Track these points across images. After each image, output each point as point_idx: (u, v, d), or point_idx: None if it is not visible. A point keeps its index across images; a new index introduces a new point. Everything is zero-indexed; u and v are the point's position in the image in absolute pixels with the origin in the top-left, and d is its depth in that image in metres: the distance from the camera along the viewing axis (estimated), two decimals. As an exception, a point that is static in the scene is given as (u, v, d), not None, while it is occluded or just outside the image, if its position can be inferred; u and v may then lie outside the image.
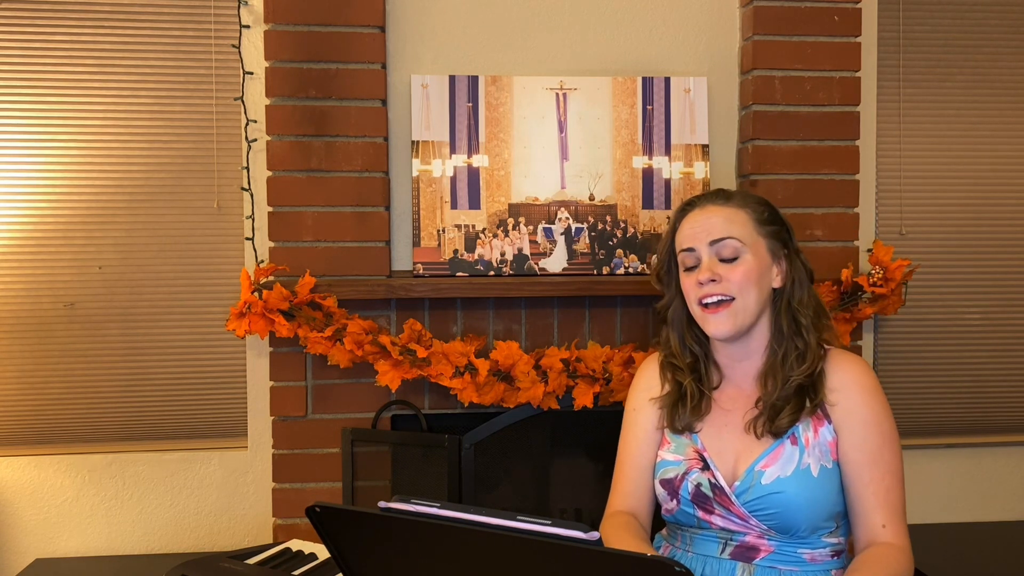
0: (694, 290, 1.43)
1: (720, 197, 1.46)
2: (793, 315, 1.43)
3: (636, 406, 1.56)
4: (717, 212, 1.43)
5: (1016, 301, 2.47)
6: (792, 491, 1.35)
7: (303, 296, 2.00)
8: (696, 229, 1.43)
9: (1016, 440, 2.51)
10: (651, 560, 0.83)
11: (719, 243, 1.41)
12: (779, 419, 1.38)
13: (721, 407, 1.46)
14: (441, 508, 0.88)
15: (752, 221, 1.43)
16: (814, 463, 1.37)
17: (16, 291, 2.21)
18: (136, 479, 2.27)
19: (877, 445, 1.38)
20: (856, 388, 1.40)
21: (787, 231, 1.47)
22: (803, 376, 1.39)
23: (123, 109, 2.22)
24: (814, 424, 1.39)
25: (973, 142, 2.44)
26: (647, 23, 2.25)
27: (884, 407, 1.41)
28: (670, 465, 1.46)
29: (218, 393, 2.28)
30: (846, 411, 1.39)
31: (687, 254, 1.44)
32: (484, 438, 2.03)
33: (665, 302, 1.53)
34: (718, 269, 1.40)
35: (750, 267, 1.40)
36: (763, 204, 1.46)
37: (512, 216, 2.16)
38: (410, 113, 2.17)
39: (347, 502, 2.10)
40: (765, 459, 1.38)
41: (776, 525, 1.37)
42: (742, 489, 1.38)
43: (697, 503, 1.42)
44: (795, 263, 1.46)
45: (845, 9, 2.20)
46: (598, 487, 2.24)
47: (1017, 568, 2.15)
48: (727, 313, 1.40)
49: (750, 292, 1.40)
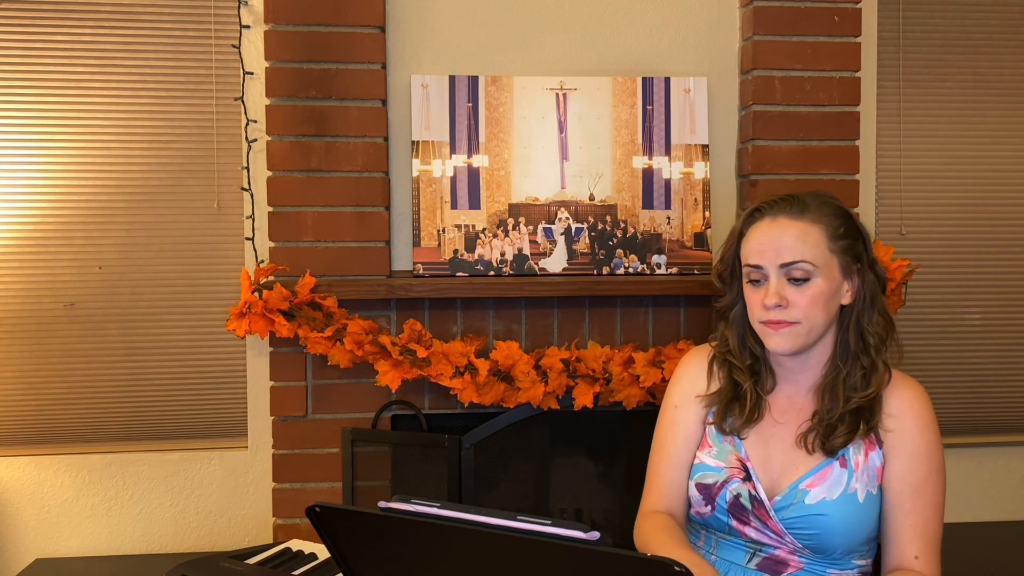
0: (758, 310, 1.36)
1: (794, 208, 1.36)
2: (861, 333, 1.37)
3: (679, 402, 1.48)
4: (789, 228, 1.34)
5: (1016, 301, 2.47)
6: (836, 515, 1.32)
7: (303, 296, 2.00)
8: (765, 245, 1.35)
9: (1016, 440, 2.51)
10: (651, 560, 0.83)
11: (790, 266, 1.33)
12: (834, 437, 1.34)
13: (771, 416, 1.41)
14: (441, 508, 0.88)
15: (826, 238, 1.34)
16: (861, 489, 1.34)
17: (16, 291, 2.21)
18: (136, 479, 2.27)
19: (923, 476, 1.34)
20: (912, 416, 1.36)
21: (863, 243, 1.39)
22: (865, 399, 1.35)
23: (123, 109, 2.22)
24: (865, 448, 1.35)
25: (973, 142, 2.44)
26: (647, 23, 2.25)
27: (936, 439, 1.37)
28: (709, 471, 1.41)
29: (218, 393, 2.28)
30: (898, 438, 1.35)
31: (753, 269, 1.37)
32: (484, 438, 2.03)
33: (727, 303, 1.47)
34: (786, 292, 1.33)
35: (819, 291, 1.33)
36: (839, 216, 1.37)
37: (512, 216, 2.16)
38: (410, 113, 2.17)
39: (347, 502, 2.10)
40: (811, 478, 1.34)
41: (812, 545, 1.34)
42: (782, 505, 1.34)
43: (733, 513, 1.38)
44: (867, 277, 1.38)
45: (845, 9, 2.20)
46: (598, 487, 2.24)
47: (1017, 568, 2.15)
48: (790, 333, 1.34)
49: (817, 316, 1.33)
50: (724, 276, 1.46)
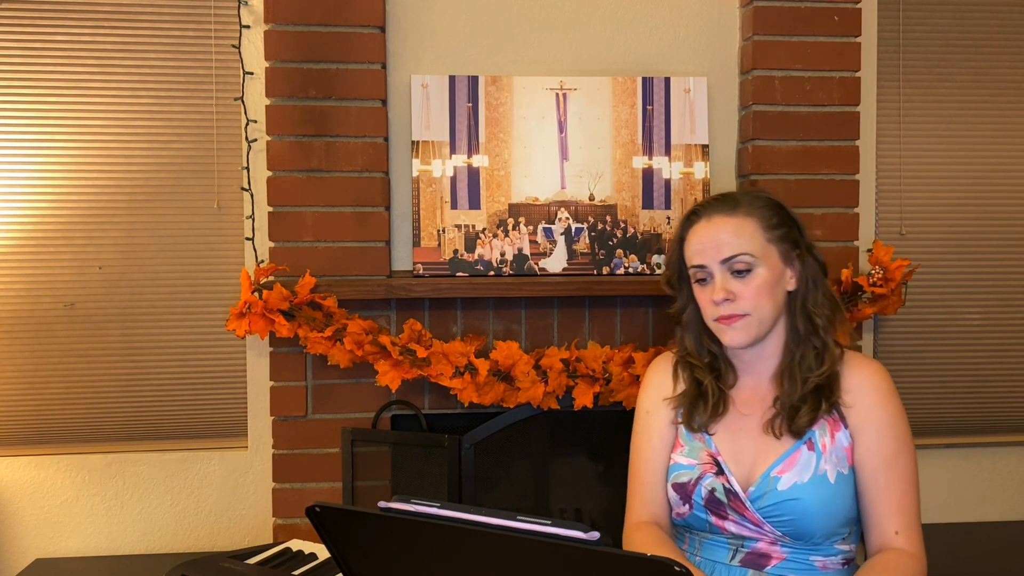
0: (709, 308, 1.41)
1: (726, 205, 1.41)
2: (808, 316, 1.41)
3: (649, 408, 1.52)
4: (725, 225, 1.39)
5: (1016, 301, 2.47)
6: (809, 498, 1.33)
7: (303, 296, 2.00)
8: (705, 245, 1.40)
9: (1016, 440, 2.51)
10: (651, 560, 0.83)
11: (730, 260, 1.38)
12: (798, 418, 1.37)
13: (737, 409, 1.45)
14: (441, 508, 0.88)
15: (761, 229, 1.39)
16: (831, 469, 1.35)
17: (16, 291, 2.21)
18: (136, 479, 2.27)
19: (893, 450, 1.36)
20: (872, 391, 1.39)
21: (798, 229, 1.44)
22: (821, 377, 1.38)
23: (123, 109, 2.22)
24: (831, 429, 1.38)
25: (973, 142, 2.44)
26: (647, 23, 2.25)
27: (900, 411, 1.39)
28: (683, 469, 1.43)
29: (218, 393, 2.28)
30: (862, 415, 1.38)
31: (698, 270, 1.41)
32: (484, 438, 2.03)
33: (679, 306, 1.51)
34: (731, 286, 1.37)
35: (763, 280, 1.37)
36: (770, 207, 1.42)
37: (512, 216, 2.16)
38: (410, 113, 2.17)
39: (347, 502, 2.10)
40: (781, 464, 1.36)
41: (791, 532, 1.35)
42: (757, 495, 1.36)
43: (710, 508, 1.39)
44: (807, 262, 1.43)
45: (845, 9, 2.20)
46: (598, 487, 2.24)
47: (1017, 568, 2.15)
48: (742, 325, 1.38)
49: (764, 305, 1.38)
50: (672, 282, 1.52)
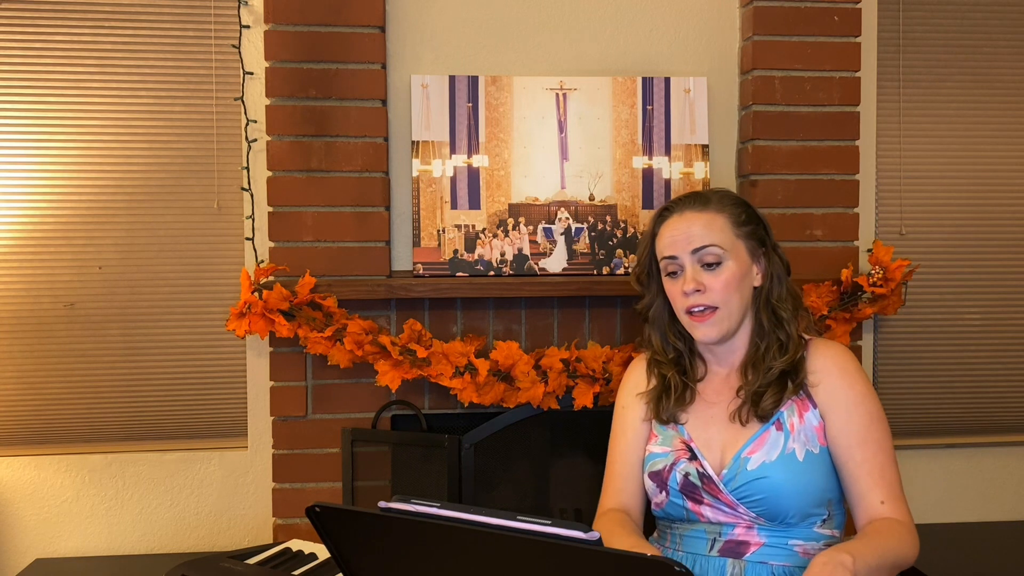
0: (680, 299, 1.46)
1: (698, 202, 1.47)
2: (773, 310, 1.47)
3: (624, 403, 1.59)
4: (696, 219, 1.45)
5: (1016, 301, 2.47)
6: (777, 476, 1.37)
7: (303, 296, 2.00)
8: (677, 236, 1.45)
9: (1016, 440, 2.51)
10: (651, 560, 0.83)
11: (701, 251, 1.43)
12: (763, 402, 1.41)
13: (706, 399, 1.49)
14: (441, 508, 0.88)
15: (730, 225, 1.45)
16: (799, 448, 1.39)
17: (16, 291, 2.21)
18: (136, 479, 2.27)
19: (864, 424, 1.39)
20: (837, 370, 1.43)
21: (764, 228, 1.50)
22: (785, 363, 1.42)
23: (123, 109, 2.22)
24: (799, 409, 1.41)
25: (973, 142, 2.44)
26: (647, 23, 2.25)
27: (866, 387, 1.43)
28: (658, 457, 1.48)
29: (218, 393, 2.28)
30: (829, 394, 1.41)
31: (669, 261, 1.46)
32: (484, 438, 2.03)
33: (646, 303, 1.57)
34: (701, 277, 1.43)
35: (732, 273, 1.43)
36: (739, 205, 1.49)
37: (512, 216, 2.16)
38: (410, 113, 2.17)
39: (347, 502, 2.10)
40: (751, 445, 1.40)
41: (764, 512, 1.38)
42: (729, 476, 1.39)
43: (686, 493, 1.43)
44: (772, 259, 1.49)
45: (845, 9, 2.20)
46: (598, 487, 2.22)
47: (1017, 568, 2.15)
48: (713, 321, 1.43)
49: (733, 298, 1.43)
50: (642, 278, 1.56)
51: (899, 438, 2.41)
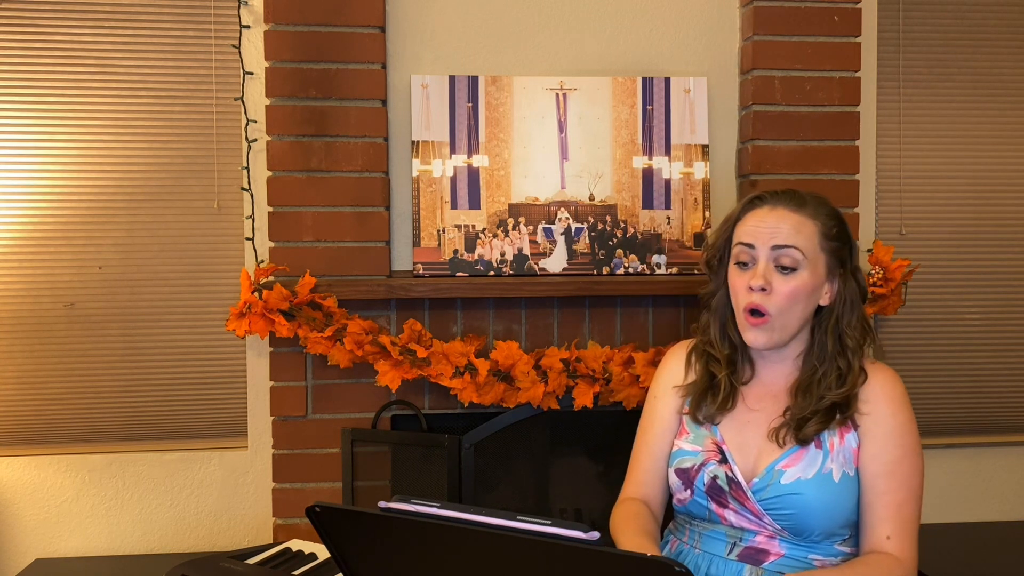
0: (743, 292, 1.39)
1: (794, 201, 1.40)
2: (840, 335, 1.40)
3: (657, 394, 1.53)
4: (788, 217, 1.38)
5: (1016, 301, 2.47)
6: (811, 494, 1.34)
7: (303, 296, 2.00)
8: (762, 227, 1.38)
9: (1016, 440, 2.51)
10: (651, 560, 0.83)
11: (781, 250, 1.36)
12: (806, 428, 1.36)
13: (747, 405, 1.44)
14: (441, 508, 0.88)
15: (819, 235, 1.38)
16: (836, 469, 1.35)
17: (16, 291, 2.21)
18: (136, 479, 2.27)
19: (897, 457, 1.35)
20: (884, 399, 1.38)
21: (850, 249, 1.43)
22: (839, 396, 1.37)
23: (123, 109, 2.22)
24: (840, 430, 1.37)
25: (973, 142, 2.44)
26: (647, 23, 2.25)
27: (910, 420, 1.39)
28: (687, 455, 1.44)
29: (218, 393, 2.28)
30: (872, 420, 1.37)
31: (745, 249, 1.40)
32: (484, 438, 2.03)
33: (711, 290, 1.49)
34: (771, 277, 1.36)
35: (802, 283, 1.36)
36: (834, 218, 1.41)
37: (512, 216, 2.16)
38: (410, 113, 2.17)
39: (347, 502, 2.10)
40: (787, 459, 1.37)
41: (790, 526, 1.35)
42: (760, 486, 1.36)
43: (712, 495, 1.40)
44: (849, 283, 1.41)
45: (845, 9, 2.20)
46: (598, 487, 2.24)
47: (1017, 568, 2.15)
48: (766, 328, 1.37)
49: (793, 311, 1.37)
50: (712, 262, 1.50)
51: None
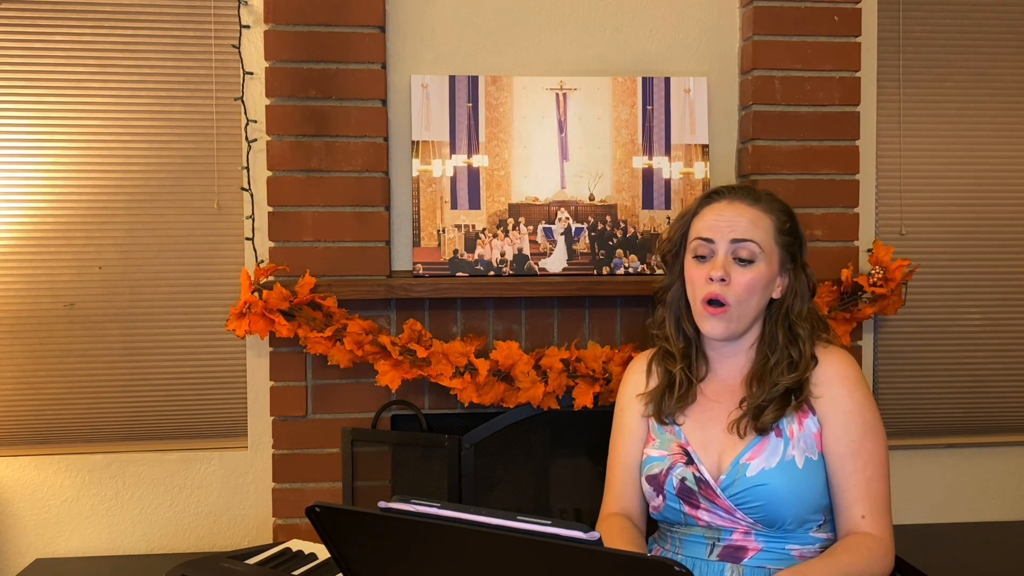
0: (701, 283, 1.42)
1: (750, 196, 1.44)
2: (790, 326, 1.44)
3: (623, 406, 1.57)
4: (745, 211, 1.42)
5: (1016, 301, 2.47)
6: (777, 483, 1.36)
7: (303, 296, 2.00)
8: (720, 222, 1.42)
9: (1016, 440, 2.51)
10: (651, 560, 0.83)
11: (740, 243, 1.40)
12: (763, 417, 1.39)
13: (706, 399, 1.47)
14: (441, 508, 0.88)
15: (774, 229, 1.43)
16: (799, 455, 1.38)
17: (16, 291, 2.21)
18: (136, 479, 2.27)
19: (859, 436, 1.38)
20: (838, 379, 1.41)
21: (800, 244, 1.47)
22: (791, 381, 1.40)
23: (123, 109, 2.22)
24: (798, 416, 1.40)
25: (973, 142, 2.43)
26: (647, 23, 2.25)
27: (867, 398, 1.42)
28: (655, 461, 1.46)
29: (218, 393, 2.28)
30: (829, 402, 1.40)
31: (703, 243, 1.42)
32: (484, 438, 2.03)
33: (665, 283, 1.53)
34: (730, 269, 1.40)
35: (759, 275, 1.40)
36: (787, 213, 1.46)
37: (512, 216, 2.16)
38: (410, 113, 2.17)
39: (347, 502, 2.10)
40: (750, 452, 1.39)
41: (762, 518, 1.37)
42: (727, 482, 1.38)
43: (683, 498, 1.42)
44: (799, 277, 1.46)
45: (845, 9, 2.20)
46: (598, 487, 2.22)
47: (1017, 568, 2.15)
48: (723, 317, 1.41)
49: (750, 302, 1.41)
50: (667, 257, 1.52)
51: (899, 438, 2.41)
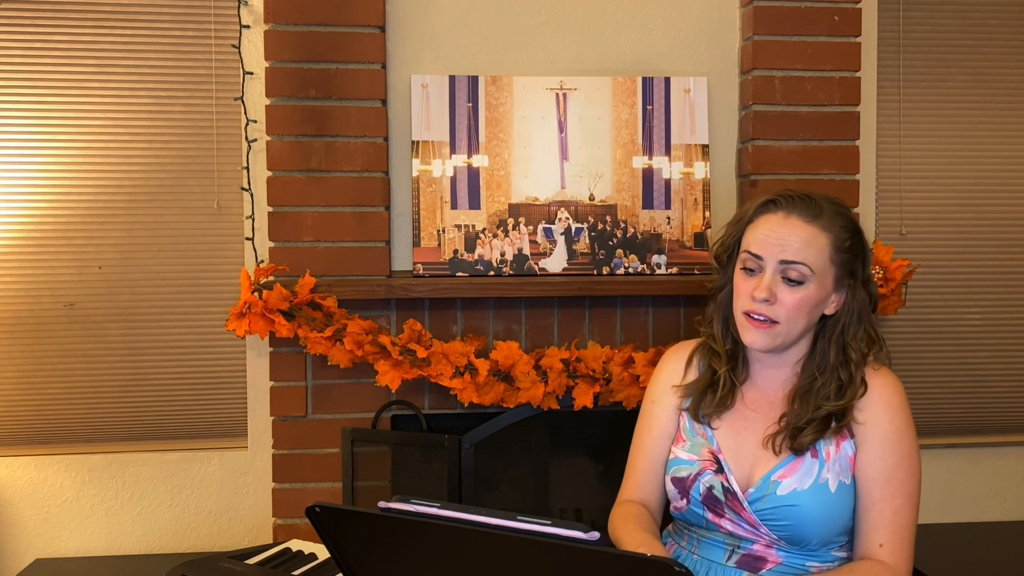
0: (745, 298, 1.37)
1: (810, 211, 1.35)
2: (844, 346, 1.38)
3: (655, 397, 1.52)
4: (799, 229, 1.34)
5: (1016, 301, 2.47)
6: (808, 505, 1.32)
7: (303, 296, 2.00)
8: (771, 238, 1.35)
9: (1016, 440, 2.51)
10: (651, 560, 0.83)
11: (789, 265, 1.33)
12: (801, 437, 1.34)
13: (744, 405, 1.43)
14: (441, 508, 0.88)
15: (831, 247, 1.35)
16: (833, 478, 1.34)
17: (16, 291, 2.21)
18: (136, 479, 2.27)
19: (893, 464, 1.34)
20: (883, 405, 1.36)
21: (862, 261, 1.40)
22: (835, 408, 1.35)
23: (123, 109, 2.22)
24: (836, 439, 1.36)
25: (973, 142, 2.44)
26: (647, 23, 2.25)
27: (908, 426, 1.36)
28: (683, 464, 1.43)
29: (218, 393, 2.28)
30: (870, 428, 1.35)
31: (752, 258, 1.37)
32: (484, 438, 2.03)
33: (718, 284, 1.47)
34: (777, 289, 1.34)
35: (808, 296, 1.34)
36: (848, 229, 1.38)
37: (512, 216, 2.16)
38: (410, 113, 2.16)
39: (347, 502, 2.10)
40: (783, 469, 1.35)
41: (787, 536, 1.35)
42: (756, 496, 1.35)
43: (708, 505, 1.39)
44: (859, 294, 1.39)
45: (845, 9, 2.20)
46: (598, 487, 2.24)
47: (1017, 568, 2.15)
48: (768, 332, 1.35)
49: (798, 321, 1.35)
50: (721, 258, 1.47)
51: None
